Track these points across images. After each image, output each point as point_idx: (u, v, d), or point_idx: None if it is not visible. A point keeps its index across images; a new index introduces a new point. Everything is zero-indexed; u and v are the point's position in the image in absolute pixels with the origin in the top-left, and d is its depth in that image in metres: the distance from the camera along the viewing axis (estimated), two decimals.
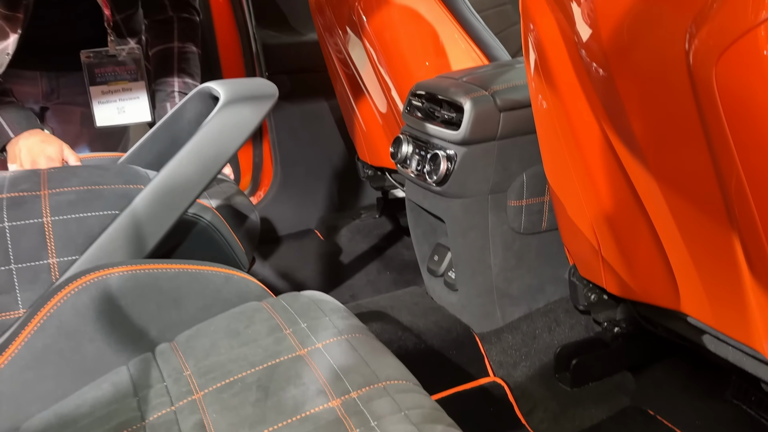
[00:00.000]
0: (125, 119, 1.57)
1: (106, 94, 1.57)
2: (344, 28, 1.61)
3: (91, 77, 1.53)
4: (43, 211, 0.90)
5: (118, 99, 1.59)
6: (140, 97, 1.59)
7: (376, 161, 1.76)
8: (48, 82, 1.64)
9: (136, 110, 1.59)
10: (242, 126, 1.00)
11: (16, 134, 1.32)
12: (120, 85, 1.56)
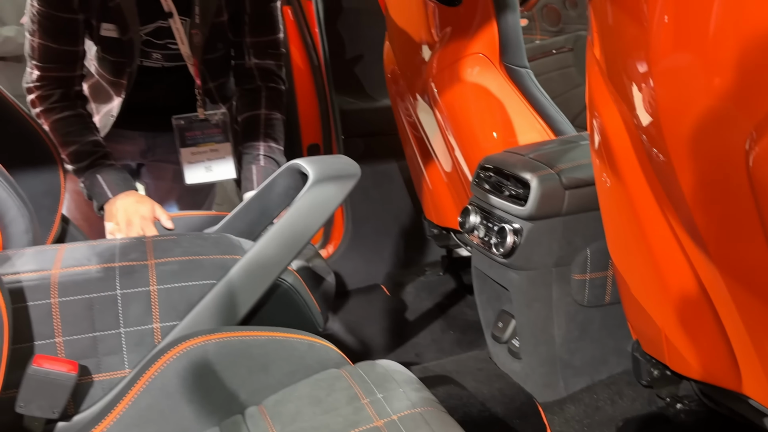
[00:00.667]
0: (212, 177, 1.68)
1: (195, 154, 1.68)
2: (416, 96, 1.70)
3: (181, 140, 1.64)
4: (151, 279, 0.99)
5: (206, 159, 1.69)
6: (226, 157, 1.69)
7: (441, 221, 1.82)
8: (145, 141, 1.76)
9: (223, 169, 1.69)
10: (328, 204, 1.08)
11: (114, 195, 1.43)
12: (208, 147, 1.67)
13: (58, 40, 1.49)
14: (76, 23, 1.50)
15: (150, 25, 1.54)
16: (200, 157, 1.68)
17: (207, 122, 1.64)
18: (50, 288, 0.95)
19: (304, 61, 2.11)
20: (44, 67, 1.49)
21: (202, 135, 1.65)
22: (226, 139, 1.64)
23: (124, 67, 1.56)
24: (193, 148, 1.67)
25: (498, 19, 1.45)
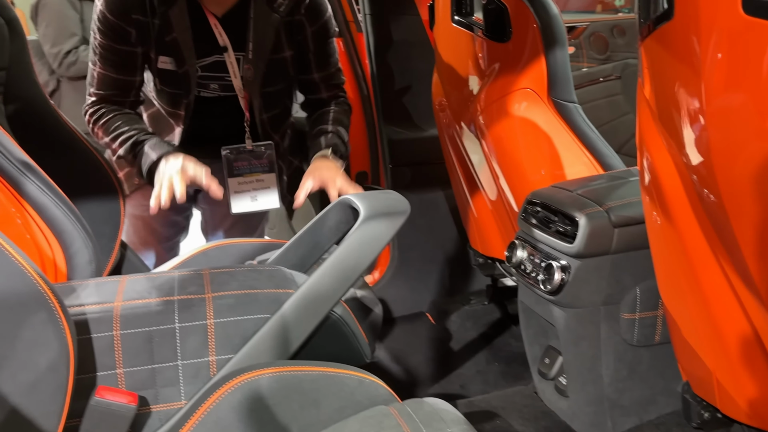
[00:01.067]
0: (257, 206, 1.71)
1: (241, 184, 1.72)
2: (463, 127, 1.71)
3: (229, 170, 1.69)
4: (208, 313, 1.01)
5: (251, 189, 1.73)
6: (271, 187, 1.73)
7: (486, 250, 1.82)
8: None
9: (267, 199, 1.73)
10: (379, 240, 1.09)
11: (158, 155, 1.50)
12: (254, 177, 1.71)
13: (117, 70, 1.57)
14: (134, 55, 1.57)
15: (207, 58, 1.60)
16: (246, 187, 1.72)
17: (254, 153, 1.68)
18: (113, 320, 0.98)
19: (354, 91, 2.15)
20: (101, 93, 1.59)
21: (249, 165, 1.70)
22: (272, 170, 1.69)
23: (181, 99, 1.62)
24: (240, 178, 1.71)
25: (546, 55, 1.45)
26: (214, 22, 1.57)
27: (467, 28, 1.60)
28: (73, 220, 1.23)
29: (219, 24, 1.58)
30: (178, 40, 1.54)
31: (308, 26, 1.64)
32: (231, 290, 1.07)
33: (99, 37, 1.56)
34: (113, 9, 1.52)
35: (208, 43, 1.59)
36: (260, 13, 1.58)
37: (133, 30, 1.54)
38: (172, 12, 1.52)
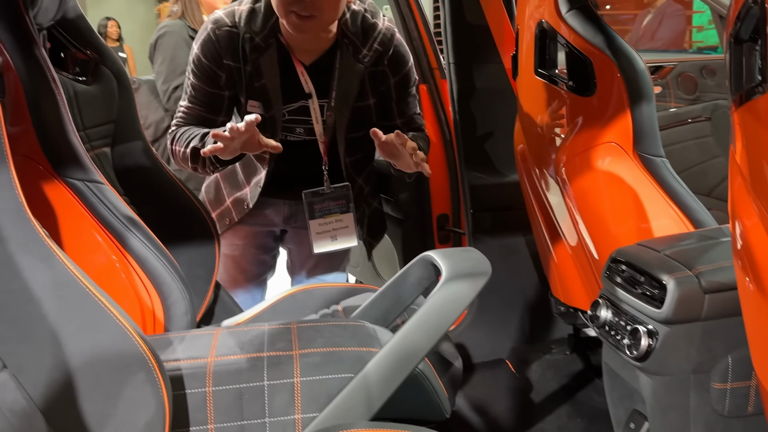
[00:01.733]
0: (337, 246, 1.78)
1: (322, 225, 1.79)
2: (545, 176, 1.69)
3: (310, 212, 1.76)
4: (295, 371, 1.04)
5: (331, 229, 1.79)
6: (349, 227, 1.79)
7: (568, 299, 1.79)
8: (289, 208, 1.88)
9: (346, 238, 1.79)
10: (460, 302, 1.10)
11: None
12: (333, 218, 1.77)
13: (204, 109, 1.67)
14: (222, 98, 1.67)
15: (293, 104, 1.67)
16: (326, 227, 1.78)
17: (332, 195, 1.75)
18: (206, 376, 1.02)
19: (437, 135, 2.17)
20: (185, 123, 1.67)
21: (328, 207, 1.76)
22: (349, 210, 1.75)
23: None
24: (321, 220, 1.78)
25: (632, 110, 1.43)
26: (301, 70, 1.64)
27: (550, 81, 1.59)
28: (172, 273, 1.29)
29: (306, 72, 1.65)
30: (267, 86, 1.62)
31: (391, 76, 1.70)
32: (317, 347, 1.10)
33: (192, 78, 1.66)
34: (207, 54, 1.62)
35: (294, 89, 1.66)
36: (345, 63, 1.64)
37: (224, 75, 1.63)
38: (262, 59, 1.60)
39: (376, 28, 1.65)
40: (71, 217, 1.26)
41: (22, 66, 1.27)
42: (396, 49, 1.68)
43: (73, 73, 1.62)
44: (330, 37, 1.63)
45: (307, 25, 1.49)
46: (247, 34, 1.58)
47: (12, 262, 0.86)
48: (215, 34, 1.60)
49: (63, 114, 1.26)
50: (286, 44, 1.62)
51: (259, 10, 1.59)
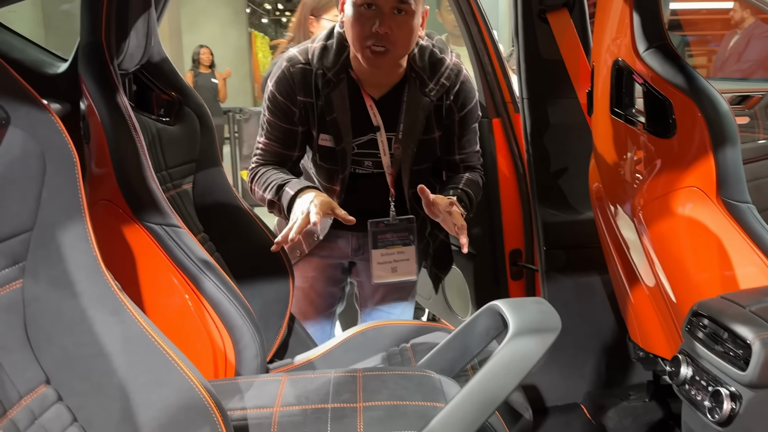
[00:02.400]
0: (396, 278, 1.77)
1: (384, 255, 1.79)
2: (621, 217, 1.62)
3: (374, 242, 1.76)
4: (358, 426, 1.02)
5: (393, 260, 1.79)
6: (410, 259, 1.78)
7: (646, 345, 1.69)
8: (357, 240, 1.89)
9: (406, 269, 1.78)
10: (528, 360, 1.05)
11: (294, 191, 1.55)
12: (395, 249, 1.77)
13: (279, 144, 1.71)
14: (296, 133, 1.71)
15: (362, 137, 1.68)
16: (388, 258, 1.78)
17: (397, 226, 1.74)
18: (271, 427, 1.02)
19: (510, 169, 2.12)
20: (263, 162, 1.72)
21: (392, 238, 1.76)
22: (411, 243, 1.74)
23: (338, 174, 1.72)
24: (383, 250, 1.79)
25: (715, 154, 1.34)
26: (370, 103, 1.67)
27: (627, 121, 1.52)
28: (244, 316, 1.30)
29: (375, 105, 1.67)
30: (338, 120, 1.64)
31: (456, 112, 1.71)
32: (381, 400, 1.07)
33: (267, 114, 1.71)
34: (282, 91, 1.66)
35: (364, 123, 1.68)
36: (413, 97, 1.66)
37: (297, 110, 1.66)
38: (334, 94, 1.63)
39: (443, 63, 1.68)
40: (149, 260, 1.29)
41: (105, 112, 1.32)
42: (462, 84, 1.70)
43: (158, 114, 1.67)
44: (399, 72, 1.66)
45: (381, 59, 1.54)
46: (319, 70, 1.62)
47: (85, 317, 0.88)
48: (289, 72, 1.64)
49: (142, 160, 1.30)
50: (356, 78, 1.66)
51: (331, 46, 1.64)
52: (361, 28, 1.51)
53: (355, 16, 1.52)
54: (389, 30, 1.50)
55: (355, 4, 1.52)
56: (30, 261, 0.87)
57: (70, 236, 0.90)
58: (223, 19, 15.17)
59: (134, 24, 1.48)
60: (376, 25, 1.49)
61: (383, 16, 1.49)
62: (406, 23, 1.52)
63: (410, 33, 1.54)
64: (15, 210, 0.86)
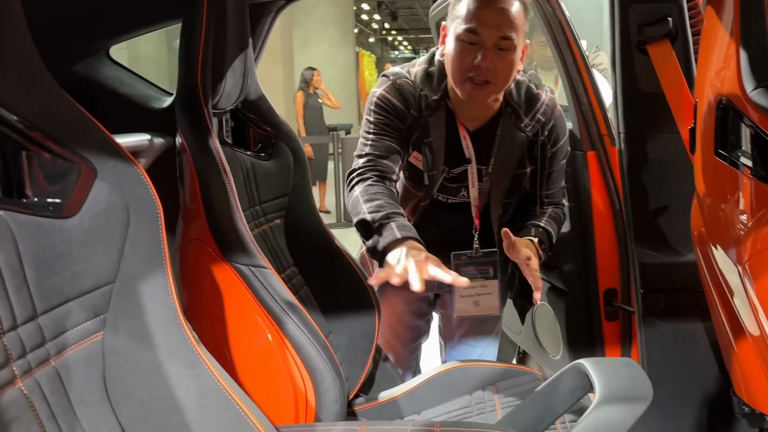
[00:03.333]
0: (478, 312, 1.71)
1: (466, 289, 1.71)
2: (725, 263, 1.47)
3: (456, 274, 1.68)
4: None
5: (475, 294, 1.72)
6: (493, 293, 1.72)
7: (752, 401, 1.52)
8: None
9: (489, 304, 1.72)
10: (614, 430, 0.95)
11: (402, 236, 1.40)
12: (478, 282, 1.70)
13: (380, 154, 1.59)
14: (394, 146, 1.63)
15: (453, 167, 1.64)
16: (470, 291, 1.74)
17: (480, 259, 1.68)
18: None
19: (605, 204, 1.99)
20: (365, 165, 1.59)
21: (474, 271, 1.69)
22: (495, 277, 1.68)
23: (420, 201, 1.67)
24: None
25: None
26: (464, 134, 1.64)
27: (732, 164, 1.38)
28: (325, 360, 1.27)
29: (468, 137, 1.63)
30: (433, 146, 1.63)
31: (548, 147, 1.67)
32: None
33: (371, 124, 1.63)
34: (387, 102, 1.61)
35: (456, 153, 1.65)
36: (507, 132, 1.62)
37: (400, 123, 1.61)
38: (432, 119, 1.61)
39: (539, 99, 1.64)
40: (236, 300, 1.29)
41: (197, 154, 1.33)
42: (557, 121, 1.67)
43: (254, 150, 1.69)
44: (495, 107, 1.63)
45: (481, 92, 1.52)
46: (423, 91, 1.61)
47: (161, 370, 0.87)
48: (397, 84, 1.63)
49: (231, 202, 1.30)
50: (452, 109, 1.63)
51: (434, 73, 1.63)
52: (462, 61, 1.50)
53: (457, 49, 1.51)
54: (491, 64, 1.48)
55: (458, 37, 1.51)
56: (111, 313, 0.87)
57: (150, 288, 0.90)
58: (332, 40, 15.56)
59: (231, 65, 1.49)
60: (478, 58, 1.48)
61: (485, 50, 1.48)
62: (507, 58, 1.50)
63: (511, 67, 1.52)
64: (99, 263, 0.87)
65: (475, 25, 1.47)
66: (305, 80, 8.03)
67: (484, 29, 1.47)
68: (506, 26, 1.48)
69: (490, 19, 1.47)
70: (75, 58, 1.78)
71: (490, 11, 1.48)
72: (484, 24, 1.47)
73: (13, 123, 0.80)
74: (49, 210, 0.83)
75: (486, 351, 1.93)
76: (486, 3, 1.48)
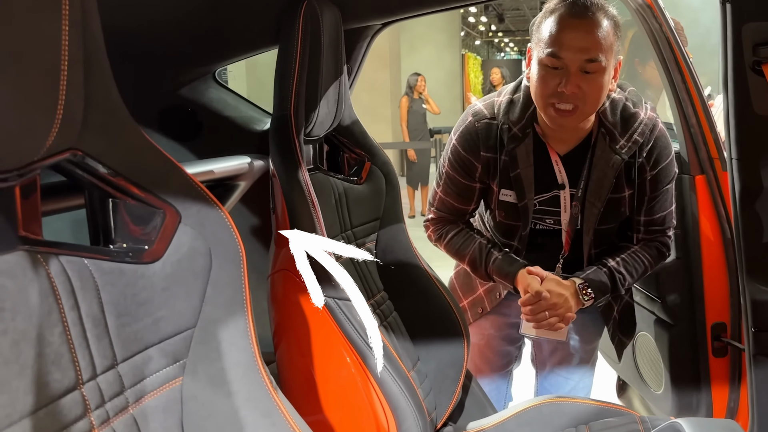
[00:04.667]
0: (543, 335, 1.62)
1: None
2: None
3: None
4: None
5: None
6: None
7: None
8: None
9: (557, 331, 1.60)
10: None
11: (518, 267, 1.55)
12: None
13: (456, 199, 1.64)
14: (473, 189, 1.62)
15: (545, 194, 1.54)
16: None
17: None
18: None
19: (715, 233, 1.81)
20: (439, 214, 1.68)
21: None
22: None
23: (518, 231, 1.59)
24: None
25: None
26: (555, 159, 1.53)
27: None
28: (408, 398, 1.22)
29: (560, 161, 1.53)
30: (521, 176, 1.53)
31: (648, 170, 1.52)
32: None
33: (447, 166, 1.64)
34: (465, 146, 1.57)
35: (547, 179, 1.55)
36: (601, 154, 1.50)
37: (480, 166, 1.57)
38: (518, 149, 1.51)
39: (636, 118, 1.50)
40: (322, 332, 1.26)
41: (287, 185, 1.31)
42: (657, 141, 1.51)
43: (346, 174, 1.66)
44: (587, 128, 1.52)
45: (565, 118, 1.41)
46: (504, 125, 1.52)
47: (237, 417, 0.85)
48: (475, 127, 1.56)
49: (319, 234, 1.27)
50: (541, 133, 1.54)
51: (518, 100, 1.54)
52: (545, 86, 1.40)
53: (540, 74, 1.41)
54: (576, 89, 1.37)
55: (540, 62, 1.40)
56: (190, 358, 0.86)
57: (230, 333, 0.88)
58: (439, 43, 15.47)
59: (325, 94, 1.47)
60: (562, 84, 1.36)
61: (570, 75, 1.36)
62: (594, 81, 1.38)
63: (599, 91, 1.39)
64: (180, 308, 0.85)
65: (557, 50, 1.36)
66: (410, 86, 8.02)
67: (568, 53, 1.35)
68: (593, 48, 1.35)
69: (574, 43, 1.35)
70: (182, 82, 1.82)
71: (573, 34, 1.35)
72: (567, 48, 1.35)
73: (99, 171, 0.79)
74: (134, 256, 0.82)
75: (580, 383, 1.80)
76: (569, 25, 1.36)
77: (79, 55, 0.70)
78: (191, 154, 1.88)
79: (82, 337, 0.73)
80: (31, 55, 0.63)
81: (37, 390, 0.66)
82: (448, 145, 1.64)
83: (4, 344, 0.63)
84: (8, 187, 0.68)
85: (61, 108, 0.68)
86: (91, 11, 0.73)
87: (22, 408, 0.63)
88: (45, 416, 0.66)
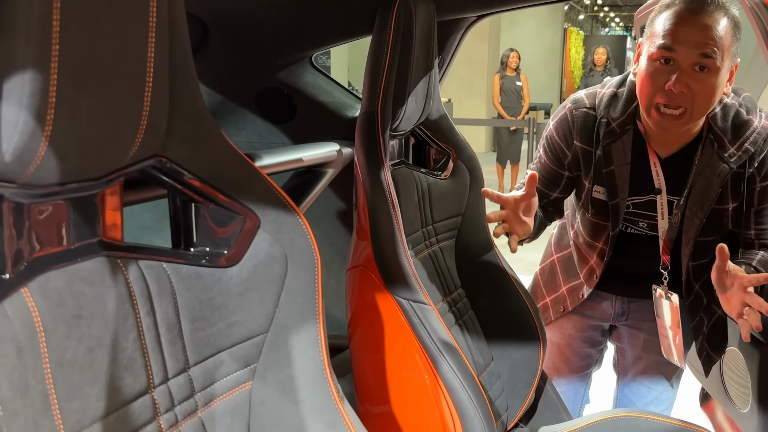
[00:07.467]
0: None
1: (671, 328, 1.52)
2: None
3: (657, 308, 1.52)
4: None
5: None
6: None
7: None
8: (621, 305, 1.67)
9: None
10: None
11: None
12: None
13: (541, 182, 1.53)
14: (561, 177, 1.52)
15: (639, 197, 1.44)
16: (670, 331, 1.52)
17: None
18: None
19: None
20: None
21: None
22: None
23: (607, 231, 1.49)
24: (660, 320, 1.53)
25: None
26: (654, 161, 1.41)
27: None
28: (476, 407, 1.17)
29: (659, 164, 1.41)
30: (615, 174, 1.43)
31: (758, 181, 1.37)
32: None
33: (541, 150, 1.56)
34: (560, 132, 1.49)
35: (643, 181, 1.44)
36: (706, 162, 1.37)
37: (570, 155, 1.48)
38: (615, 146, 1.41)
39: (749, 126, 1.35)
40: (394, 332, 1.23)
41: (368, 183, 1.28)
42: None
43: (432, 169, 1.61)
44: (694, 131, 1.38)
45: (670, 123, 1.28)
46: (603, 119, 1.42)
47: (302, 426, 0.83)
48: (572, 114, 1.47)
49: (397, 236, 1.23)
50: (643, 132, 1.41)
51: (621, 95, 1.42)
52: (652, 83, 1.27)
53: (648, 70, 1.28)
54: (686, 89, 1.23)
55: (650, 57, 1.27)
56: (261, 364, 0.84)
57: (301, 340, 0.86)
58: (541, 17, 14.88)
59: (413, 89, 1.41)
60: (671, 81, 1.23)
61: (681, 72, 1.23)
62: (706, 81, 1.24)
63: (711, 92, 1.25)
64: (253, 313, 0.84)
65: (670, 42, 1.23)
66: (502, 61, 7.70)
67: (682, 47, 1.22)
68: (709, 44, 1.21)
69: (689, 37, 1.22)
70: (280, 66, 1.82)
71: (689, 28, 1.22)
72: (682, 41, 1.22)
73: (183, 178, 0.78)
74: (212, 260, 0.81)
75: (663, 394, 1.69)
76: (686, 19, 1.23)
77: (165, 66, 0.68)
78: (284, 135, 1.89)
79: (155, 342, 0.73)
80: (118, 68, 0.62)
81: (109, 395, 0.66)
82: (546, 129, 1.55)
83: (80, 351, 0.63)
84: (92, 195, 0.68)
85: (145, 118, 0.67)
86: (179, 22, 0.71)
87: (94, 414, 0.64)
88: (115, 420, 0.66)
